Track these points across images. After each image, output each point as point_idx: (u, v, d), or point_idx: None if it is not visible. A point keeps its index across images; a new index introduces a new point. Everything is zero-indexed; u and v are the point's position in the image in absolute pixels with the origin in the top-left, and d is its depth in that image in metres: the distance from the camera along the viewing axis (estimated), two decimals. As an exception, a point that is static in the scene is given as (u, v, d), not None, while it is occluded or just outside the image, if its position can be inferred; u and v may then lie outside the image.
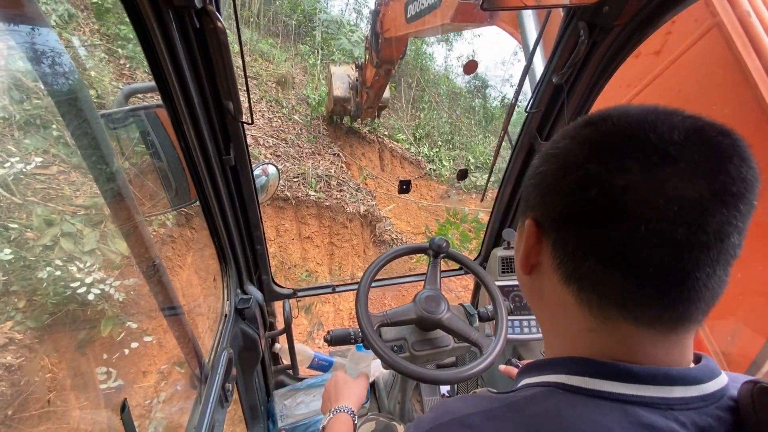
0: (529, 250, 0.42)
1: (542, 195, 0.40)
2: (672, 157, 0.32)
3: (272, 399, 1.55)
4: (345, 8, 10.64)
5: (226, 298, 1.17)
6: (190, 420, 0.86)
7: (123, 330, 2.22)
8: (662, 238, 0.32)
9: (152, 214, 1.65)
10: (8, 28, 0.49)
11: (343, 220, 6.50)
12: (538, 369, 0.42)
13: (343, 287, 1.60)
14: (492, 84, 12.57)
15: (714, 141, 0.33)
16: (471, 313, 1.21)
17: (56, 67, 0.54)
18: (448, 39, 11.68)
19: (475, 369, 0.96)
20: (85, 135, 0.61)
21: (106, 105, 3.24)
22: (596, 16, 0.89)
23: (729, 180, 0.31)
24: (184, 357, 0.92)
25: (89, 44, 3.91)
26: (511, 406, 0.38)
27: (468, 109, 11.81)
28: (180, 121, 0.78)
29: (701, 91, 1.26)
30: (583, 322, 0.38)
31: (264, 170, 1.33)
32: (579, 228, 0.36)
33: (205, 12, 0.68)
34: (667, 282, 0.33)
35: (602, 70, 1.03)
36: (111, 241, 2.26)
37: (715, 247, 0.32)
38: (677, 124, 0.33)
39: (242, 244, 1.20)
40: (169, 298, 0.86)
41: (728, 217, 0.31)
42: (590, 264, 0.36)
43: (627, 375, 0.35)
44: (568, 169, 0.37)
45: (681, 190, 0.31)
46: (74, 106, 0.60)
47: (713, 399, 0.35)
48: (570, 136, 0.39)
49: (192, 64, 0.75)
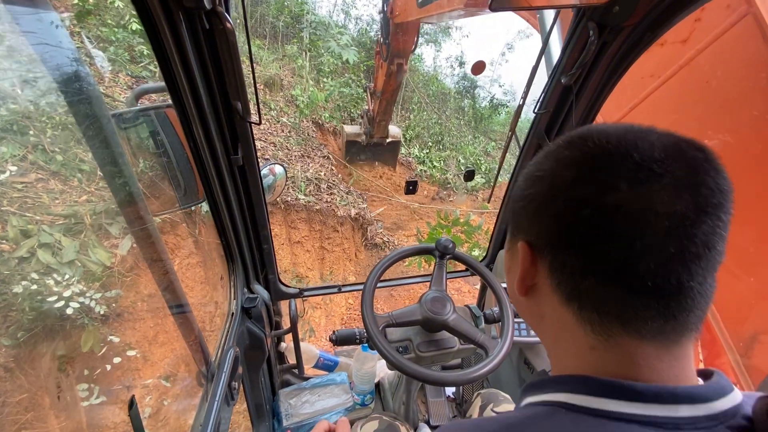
0: (525, 273, 0.43)
1: (533, 217, 0.41)
2: (657, 174, 0.33)
3: (278, 398, 1.56)
4: (333, 9, 10.56)
5: (232, 296, 1.18)
6: (197, 417, 0.86)
7: (106, 344, 2.12)
8: (657, 251, 0.33)
9: (161, 213, 1.65)
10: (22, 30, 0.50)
11: (334, 224, 6.36)
12: (541, 387, 0.42)
13: (349, 287, 1.60)
14: (480, 84, 12.41)
15: (690, 155, 0.34)
16: (477, 314, 1.21)
17: (69, 67, 0.55)
18: (436, 40, 11.70)
19: (480, 371, 0.96)
20: (97, 135, 0.62)
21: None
22: (606, 17, 0.88)
23: (709, 192, 0.33)
24: (191, 355, 0.93)
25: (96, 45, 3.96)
26: (512, 427, 0.38)
27: (457, 109, 11.75)
28: (189, 121, 0.79)
29: (733, 83, 1.19)
30: (585, 341, 0.38)
31: (271, 170, 1.33)
32: (575, 248, 0.37)
33: (214, 13, 0.69)
34: (666, 294, 0.34)
35: (612, 71, 1.02)
36: (92, 251, 2.16)
37: (704, 257, 0.33)
38: (655, 141, 0.35)
39: (249, 243, 1.21)
40: (177, 296, 0.87)
41: (713, 227, 0.33)
42: (589, 282, 0.36)
43: (631, 393, 0.34)
44: (558, 190, 0.38)
45: (669, 205, 0.32)
46: (86, 106, 0.61)
47: (723, 418, 0.33)
48: (553, 157, 0.40)
49: (201, 64, 0.75)
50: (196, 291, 3.17)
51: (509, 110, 12.68)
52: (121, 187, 0.70)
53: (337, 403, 1.54)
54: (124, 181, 0.68)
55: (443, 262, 1.19)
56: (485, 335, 1.06)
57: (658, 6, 0.84)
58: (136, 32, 4.30)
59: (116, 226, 2.35)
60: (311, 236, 6.14)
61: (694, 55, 1.27)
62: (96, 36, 4.10)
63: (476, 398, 1.26)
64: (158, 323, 2.54)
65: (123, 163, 0.66)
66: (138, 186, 0.71)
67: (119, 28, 4.30)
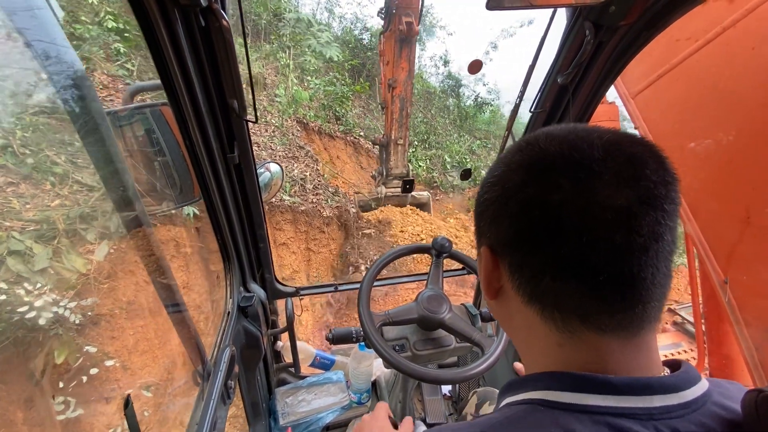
0: (489, 276, 0.44)
1: (490, 221, 0.42)
2: (596, 172, 0.35)
3: (274, 396, 1.56)
4: (316, 8, 10.48)
5: (229, 295, 1.18)
6: (193, 416, 0.86)
7: (81, 355, 2.01)
8: (604, 245, 0.34)
9: (157, 211, 1.62)
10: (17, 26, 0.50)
11: (320, 225, 6.25)
12: (518, 387, 0.42)
13: (346, 286, 1.60)
14: (465, 83, 12.62)
15: (629, 151, 0.36)
16: (473, 313, 1.21)
17: (63, 64, 0.55)
18: (420, 39, 11.77)
19: (476, 369, 0.96)
20: (92, 132, 0.62)
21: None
22: (602, 16, 0.89)
23: (650, 184, 0.34)
24: (187, 353, 0.93)
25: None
26: (493, 427, 0.38)
27: (442, 108, 11.84)
28: (185, 119, 0.78)
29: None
30: (552, 338, 0.39)
31: (267, 168, 1.33)
32: (529, 248, 0.38)
33: (210, 10, 0.69)
34: (619, 286, 0.35)
35: (608, 70, 1.03)
36: (66, 257, 2.04)
37: (652, 248, 0.34)
38: (595, 140, 0.36)
39: (245, 242, 1.20)
40: (173, 295, 0.87)
41: (657, 217, 0.34)
42: (547, 281, 0.37)
43: (606, 387, 0.35)
44: (509, 194, 0.39)
45: (611, 200, 0.34)
46: (81, 103, 0.60)
47: (695, 406, 0.35)
48: (505, 163, 0.41)
49: (197, 62, 0.75)
50: (193, 289, 3.15)
51: (494, 109, 12.63)
52: (116, 186, 0.69)
53: (333, 402, 1.55)
54: (119, 180, 0.68)
55: (440, 261, 1.19)
56: (481, 333, 1.06)
57: (654, 5, 0.84)
58: (112, 30, 4.18)
59: (92, 232, 2.26)
60: (297, 238, 5.97)
61: (741, 16, 1.11)
62: (69, 33, 3.96)
63: (472, 396, 1.26)
64: (139, 330, 2.44)
65: (118, 161, 0.66)
66: (133, 184, 0.70)
67: (93, 25, 4.19)
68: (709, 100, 1.28)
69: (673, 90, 1.43)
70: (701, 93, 1.31)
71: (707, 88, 1.29)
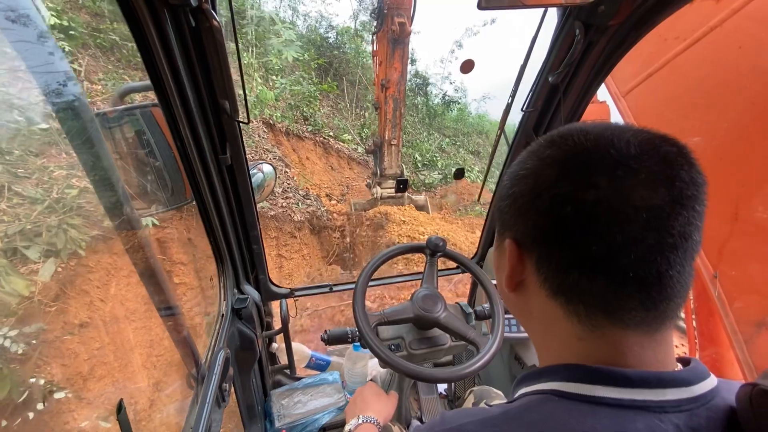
0: (513, 270, 0.44)
1: (518, 215, 0.42)
2: (633, 170, 0.35)
3: (269, 399, 1.55)
4: (279, 5, 10.26)
5: (222, 297, 1.17)
6: (187, 420, 0.85)
7: (27, 388, 1.78)
8: (637, 244, 0.34)
9: (148, 213, 1.54)
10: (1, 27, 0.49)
11: (291, 230, 6.01)
12: (534, 378, 0.43)
13: (340, 287, 1.60)
14: (432, 82, 12.57)
15: (664, 150, 0.36)
16: (468, 311, 1.22)
17: (50, 65, 0.54)
18: None
19: (472, 367, 0.97)
20: (80, 134, 0.61)
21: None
22: (592, 16, 0.90)
23: (684, 185, 0.35)
24: (181, 357, 0.92)
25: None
26: (508, 414, 0.39)
27: (411, 107, 11.79)
28: (176, 120, 0.77)
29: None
30: (573, 332, 0.40)
31: (260, 169, 1.32)
32: (559, 244, 0.38)
33: (200, 10, 0.68)
34: (647, 284, 0.35)
35: (598, 69, 1.04)
36: (4, 280, 1.80)
37: (681, 247, 0.35)
38: (631, 138, 0.36)
39: (239, 243, 1.20)
40: (166, 298, 0.86)
41: (688, 218, 0.35)
42: (574, 276, 0.38)
43: (621, 379, 0.36)
44: (541, 189, 0.39)
45: (646, 199, 0.34)
46: (68, 105, 0.59)
47: (703, 400, 0.36)
48: (537, 156, 0.41)
49: (188, 62, 0.74)
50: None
51: (461, 107, 12.68)
52: (106, 188, 0.68)
53: (329, 403, 1.54)
54: (109, 182, 0.67)
55: (434, 260, 1.20)
56: (476, 332, 1.07)
57: (643, 5, 0.85)
58: (54, 27, 3.77)
59: (35, 249, 2.01)
60: (267, 244, 5.53)
61: (728, 15, 1.13)
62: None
63: (469, 395, 1.27)
64: (94, 355, 2.18)
65: (108, 163, 0.65)
66: (124, 187, 0.69)
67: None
68: (697, 99, 1.31)
69: (662, 88, 1.46)
70: (690, 91, 1.34)
71: (696, 86, 1.31)
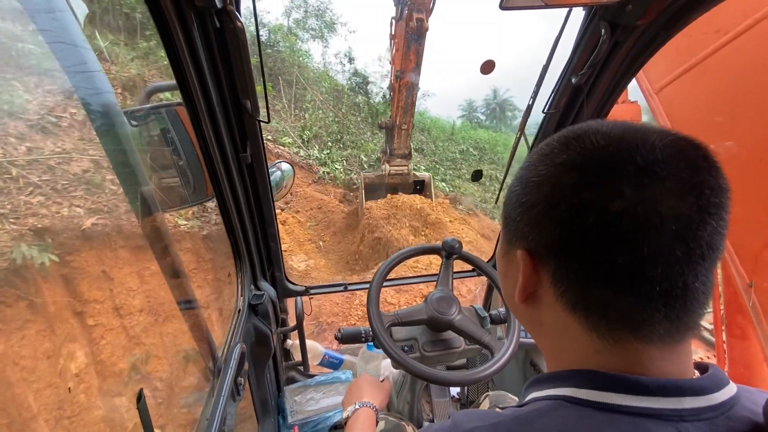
0: (527, 281, 0.41)
1: (533, 224, 0.39)
2: (660, 177, 0.32)
3: (283, 394, 1.57)
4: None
5: (239, 293, 1.19)
6: (203, 412, 0.87)
7: None
8: (664, 256, 0.32)
9: (170, 209, 1.56)
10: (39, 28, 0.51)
11: (228, 250, 5.45)
12: (546, 382, 0.41)
13: (355, 286, 1.60)
14: (372, 80, 12.42)
15: (690, 155, 0.34)
16: (482, 315, 1.20)
17: (83, 65, 0.56)
18: (323, 36, 11.64)
19: (485, 372, 0.96)
20: (109, 132, 0.63)
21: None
22: (619, 16, 0.87)
23: (711, 192, 0.33)
24: (199, 350, 0.94)
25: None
26: (519, 419, 0.38)
27: (352, 106, 11.57)
28: (199, 119, 0.79)
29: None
30: (590, 345, 0.38)
31: (279, 168, 1.34)
32: (581, 255, 0.36)
33: (225, 12, 0.70)
34: (673, 297, 0.33)
35: (624, 71, 1.01)
36: None
37: (708, 257, 0.33)
38: (656, 142, 0.34)
39: (257, 240, 1.22)
40: (186, 292, 0.88)
41: (716, 227, 0.33)
42: (595, 290, 0.36)
43: (636, 387, 0.34)
44: (559, 197, 0.36)
45: (675, 209, 0.32)
46: (99, 103, 0.62)
47: (723, 409, 0.34)
48: (551, 161, 0.38)
49: (211, 63, 0.76)
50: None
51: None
52: (132, 183, 0.71)
53: (341, 401, 1.55)
54: (134, 178, 0.69)
55: (449, 262, 1.19)
56: (491, 336, 1.05)
57: (673, 4, 0.82)
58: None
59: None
60: (200, 268, 4.38)
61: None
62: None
63: (484, 399, 1.25)
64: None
65: (134, 160, 0.67)
66: (148, 183, 0.72)
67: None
68: (738, 97, 1.23)
69: (700, 85, 1.38)
70: (730, 89, 1.26)
71: (737, 83, 1.23)
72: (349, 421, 0.89)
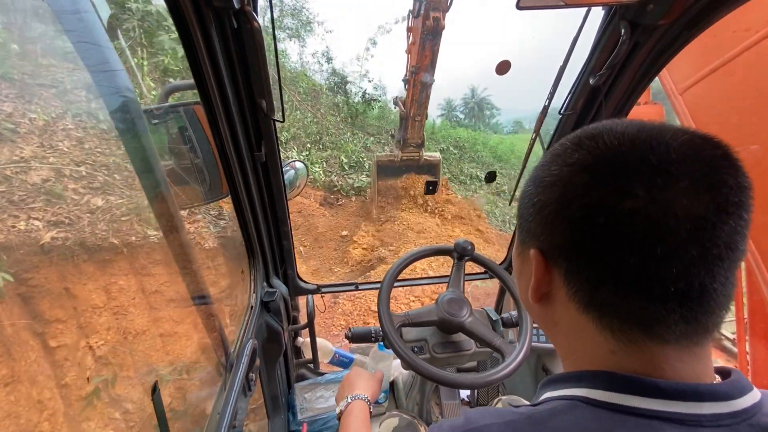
0: (539, 282, 0.41)
1: (545, 224, 0.39)
2: (674, 176, 0.32)
3: (293, 391, 1.59)
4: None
5: (252, 290, 1.21)
6: (215, 406, 0.89)
7: None
8: (679, 257, 0.31)
9: (187, 206, 1.57)
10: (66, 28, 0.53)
11: (204, 259, 5.36)
12: (561, 382, 0.41)
13: (367, 285, 1.61)
14: (351, 80, 12.08)
15: (707, 154, 0.33)
16: (494, 318, 1.19)
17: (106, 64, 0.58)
18: (299, 35, 11.43)
19: (496, 375, 0.95)
20: (130, 129, 0.65)
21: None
22: (640, 15, 0.85)
23: (729, 191, 0.32)
24: (212, 345, 0.96)
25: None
26: (533, 418, 0.37)
27: (331, 106, 11.33)
28: (216, 118, 0.81)
29: None
30: (606, 346, 0.37)
31: (292, 166, 1.36)
32: (592, 255, 0.36)
33: (242, 12, 0.71)
34: (689, 298, 0.33)
35: (644, 71, 0.98)
36: None
37: (727, 258, 0.32)
38: (670, 141, 0.33)
39: (270, 238, 1.23)
40: (200, 287, 0.90)
41: (735, 227, 0.32)
42: (608, 291, 0.35)
43: (653, 390, 0.34)
44: (571, 197, 0.36)
45: (689, 209, 0.31)
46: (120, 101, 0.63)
47: (745, 416, 0.33)
48: (563, 161, 0.38)
49: (229, 63, 0.77)
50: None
51: (381, 104, 12.20)
52: (150, 181, 0.72)
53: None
54: (153, 175, 0.71)
55: (461, 264, 1.18)
56: (502, 339, 1.04)
57: (696, 3, 0.80)
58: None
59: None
60: (173, 280, 3.91)
61: None
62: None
63: (497, 403, 1.24)
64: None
65: (153, 157, 0.69)
66: (166, 180, 0.73)
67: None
68: (765, 100, 1.19)
69: (727, 86, 1.34)
70: (759, 90, 1.22)
71: (764, 86, 1.20)
72: (342, 416, 0.89)
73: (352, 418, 0.86)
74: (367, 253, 7.11)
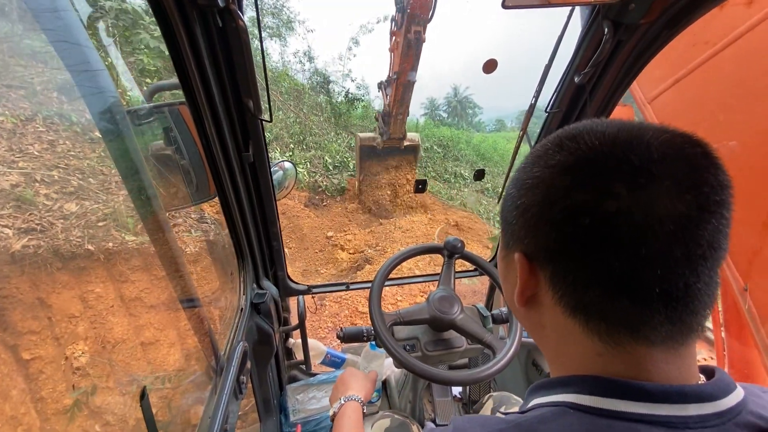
0: (524, 286, 0.41)
1: (528, 228, 0.39)
2: (656, 176, 0.32)
3: (285, 393, 1.58)
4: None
5: (242, 292, 1.19)
6: (205, 410, 0.88)
7: None
8: (663, 257, 0.32)
9: (173, 208, 1.51)
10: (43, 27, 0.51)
11: (191, 262, 5.09)
12: (548, 388, 0.41)
13: (357, 285, 1.60)
14: (333, 79, 12.21)
15: (688, 152, 0.33)
16: (485, 314, 1.20)
17: (87, 64, 0.56)
18: (280, 35, 11.44)
19: (487, 371, 0.96)
20: (113, 131, 0.63)
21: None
22: (622, 14, 0.87)
23: (711, 190, 0.32)
24: (201, 348, 0.95)
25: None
26: (521, 426, 0.37)
27: (314, 106, 11.31)
28: (202, 118, 0.80)
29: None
30: (592, 348, 0.38)
31: (281, 167, 1.35)
32: (576, 258, 0.35)
33: (227, 11, 0.70)
34: (673, 299, 0.33)
35: (627, 69, 1.00)
36: None
37: (710, 257, 0.32)
38: (651, 140, 0.33)
39: (259, 239, 1.22)
40: (188, 291, 0.89)
41: (717, 225, 0.32)
42: (594, 293, 0.35)
43: (640, 393, 0.34)
44: (553, 199, 0.36)
45: (671, 209, 0.31)
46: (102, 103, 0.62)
47: (730, 415, 0.34)
48: (545, 162, 0.38)
49: (214, 62, 0.76)
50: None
51: (365, 104, 12.23)
52: (135, 183, 0.71)
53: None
54: (138, 177, 0.69)
55: (452, 262, 1.19)
56: (493, 335, 1.05)
57: (675, 4, 0.82)
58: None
59: None
60: (153, 287, 3.69)
61: (760, 20, 1.10)
62: None
63: (488, 400, 1.25)
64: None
65: (137, 159, 0.67)
66: (152, 182, 0.72)
67: None
68: (727, 104, 1.26)
69: (690, 94, 1.41)
70: (719, 97, 1.29)
71: (725, 91, 1.26)
72: (335, 418, 0.89)
73: (345, 420, 0.86)
74: (354, 255, 7.14)
